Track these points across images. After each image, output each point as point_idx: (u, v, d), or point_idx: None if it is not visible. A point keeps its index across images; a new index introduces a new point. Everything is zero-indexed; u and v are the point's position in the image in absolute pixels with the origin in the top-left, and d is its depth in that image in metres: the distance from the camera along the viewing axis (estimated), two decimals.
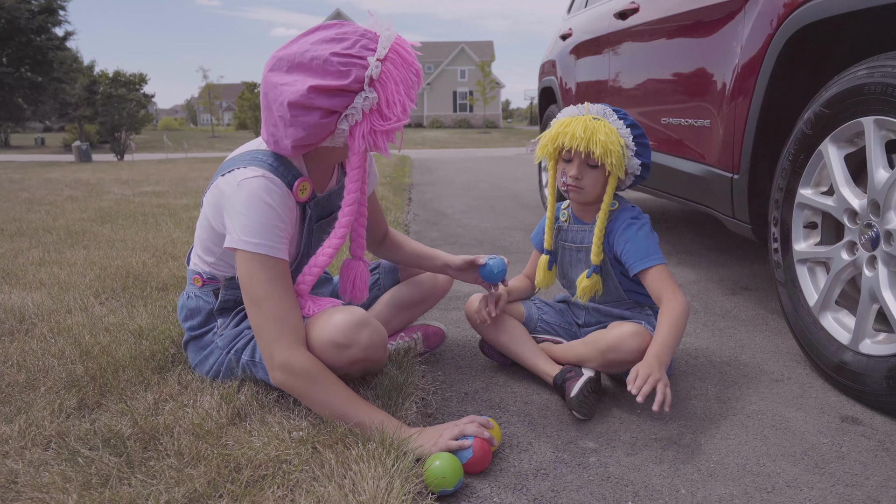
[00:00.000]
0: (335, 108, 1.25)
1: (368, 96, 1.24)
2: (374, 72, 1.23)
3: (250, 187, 1.31)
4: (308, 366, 1.29)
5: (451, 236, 3.80)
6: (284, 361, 1.28)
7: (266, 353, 1.31)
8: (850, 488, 1.20)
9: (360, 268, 1.52)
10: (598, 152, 1.54)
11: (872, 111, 1.46)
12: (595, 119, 1.58)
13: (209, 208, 1.43)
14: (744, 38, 2.00)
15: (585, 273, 1.65)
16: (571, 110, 1.65)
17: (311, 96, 1.23)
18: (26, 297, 2.26)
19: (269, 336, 1.30)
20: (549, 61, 4.48)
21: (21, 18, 26.81)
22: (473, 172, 8.64)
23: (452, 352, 1.90)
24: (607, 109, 1.62)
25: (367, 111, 1.25)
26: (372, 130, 1.26)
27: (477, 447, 1.22)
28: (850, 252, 1.57)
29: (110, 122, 29.30)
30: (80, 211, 4.64)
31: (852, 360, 1.54)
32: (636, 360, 1.46)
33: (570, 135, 1.56)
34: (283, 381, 1.31)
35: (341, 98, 1.24)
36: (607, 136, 1.54)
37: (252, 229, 1.29)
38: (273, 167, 1.35)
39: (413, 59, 1.28)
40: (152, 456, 1.21)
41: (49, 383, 1.51)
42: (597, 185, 1.64)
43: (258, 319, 1.31)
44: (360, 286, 1.52)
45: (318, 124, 1.26)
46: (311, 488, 1.11)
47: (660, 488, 1.20)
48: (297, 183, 1.38)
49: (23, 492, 1.09)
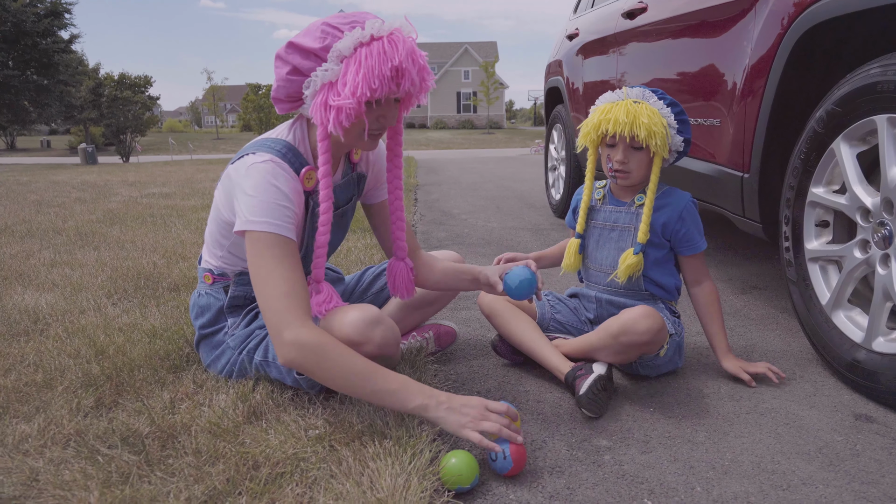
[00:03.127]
0: (301, 69, 1.30)
1: (331, 68, 1.26)
2: (345, 46, 1.25)
3: (258, 170, 1.33)
4: (318, 338, 1.26)
5: (457, 236, 3.81)
6: (294, 337, 1.25)
7: (274, 331, 1.27)
8: (866, 486, 1.20)
9: (398, 267, 1.59)
10: (643, 135, 1.56)
11: (886, 109, 1.46)
12: (636, 102, 1.60)
13: (220, 196, 1.47)
14: (754, 37, 2.00)
15: (632, 250, 1.67)
16: (610, 96, 1.66)
17: (289, 50, 1.32)
18: (40, 297, 2.27)
19: (277, 313, 1.27)
20: (555, 61, 4.48)
21: (27, 22, 26.91)
22: (479, 173, 8.64)
23: (464, 351, 1.91)
24: (646, 91, 1.64)
25: (325, 83, 1.27)
26: (324, 103, 1.27)
27: (515, 456, 1.20)
28: (863, 250, 1.57)
29: (115, 125, 29.41)
30: (88, 212, 4.66)
31: (865, 358, 1.54)
32: (649, 340, 1.50)
33: (613, 120, 1.58)
34: (294, 358, 1.26)
35: (309, 61, 1.29)
36: (650, 118, 1.57)
37: (259, 209, 1.31)
38: (282, 154, 1.38)
39: (395, 54, 1.23)
40: (171, 454, 1.22)
41: (66, 382, 1.52)
42: (642, 166, 1.67)
43: (266, 297, 1.29)
44: (402, 283, 1.59)
45: (285, 79, 1.33)
46: (329, 486, 1.11)
47: (675, 486, 1.21)
48: (304, 171, 1.41)
49: (45, 489, 1.10)
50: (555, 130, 4.67)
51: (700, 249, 1.71)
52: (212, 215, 1.53)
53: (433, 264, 1.71)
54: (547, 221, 4.36)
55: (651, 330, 1.50)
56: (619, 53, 3.24)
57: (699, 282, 1.72)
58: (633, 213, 1.73)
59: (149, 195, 6.00)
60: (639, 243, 1.66)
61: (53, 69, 28.53)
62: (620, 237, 1.74)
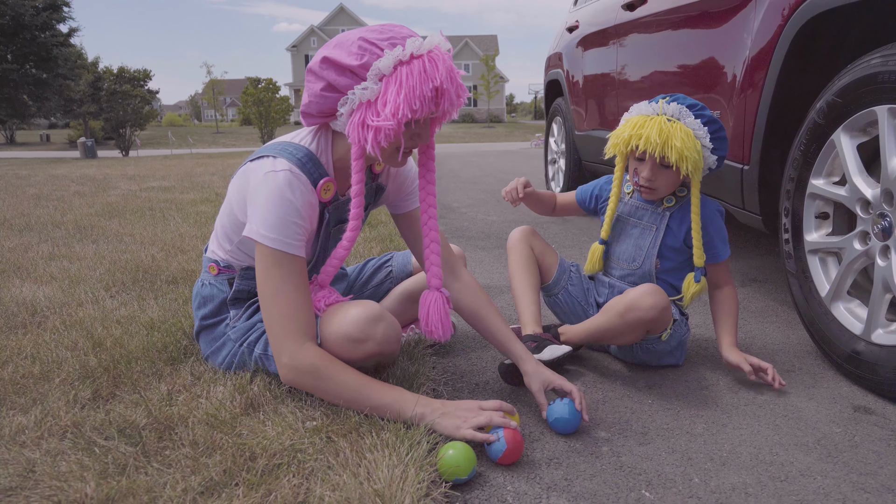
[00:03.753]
0: (337, 86, 1.26)
1: (370, 86, 1.23)
2: (385, 66, 1.21)
3: (275, 180, 1.31)
4: (313, 361, 1.30)
5: (457, 230, 3.80)
6: (290, 360, 1.31)
7: (275, 350, 1.33)
8: (864, 477, 1.20)
9: (432, 299, 1.41)
10: (674, 158, 1.52)
11: (886, 100, 1.45)
12: (669, 120, 1.54)
13: (234, 193, 1.44)
14: (754, 28, 1.99)
15: (693, 277, 1.64)
16: (644, 108, 1.61)
17: (323, 66, 1.27)
18: (37, 290, 2.27)
19: (277, 334, 1.32)
20: (555, 54, 4.47)
21: (25, 15, 26.80)
22: (479, 167, 8.63)
23: (463, 343, 1.91)
24: (683, 109, 1.56)
25: (363, 101, 1.24)
26: (362, 122, 1.24)
27: (509, 438, 1.21)
28: (863, 242, 1.57)
29: (115, 119, 29.26)
30: (87, 206, 4.66)
31: (865, 350, 1.53)
32: (654, 317, 1.51)
33: (645, 138, 1.54)
34: (293, 380, 1.33)
35: (346, 78, 1.25)
36: (683, 141, 1.51)
37: (271, 223, 1.30)
38: (301, 163, 1.35)
39: (435, 74, 1.21)
40: (167, 445, 1.22)
41: (63, 374, 1.52)
42: (669, 184, 1.65)
43: (269, 316, 1.33)
44: (436, 319, 1.40)
45: (319, 94, 1.29)
46: (326, 476, 1.11)
47: (673, 477, 1.21)
48: (322, 182, 1.38)
49: (41, 480, 1.09)
50: (555, 123, 4.66)
51: (722, 259, 1.69)
52: (225, 208, 1.51)
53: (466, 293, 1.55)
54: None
55: (657, 306, 1.51)
56: (620, 45, 3.23)
57: (720, 286, 1.71)
58: (659, 213, 1.71)
59: (148, 189, 6.00)
60: (698, 268, 1.64)
61: (52, 63, 28.45)
62: (641, 235, 1.72)
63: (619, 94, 3.26)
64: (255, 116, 28.39)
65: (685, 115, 1.56)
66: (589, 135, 3.76)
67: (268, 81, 29.37)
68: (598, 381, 1.64)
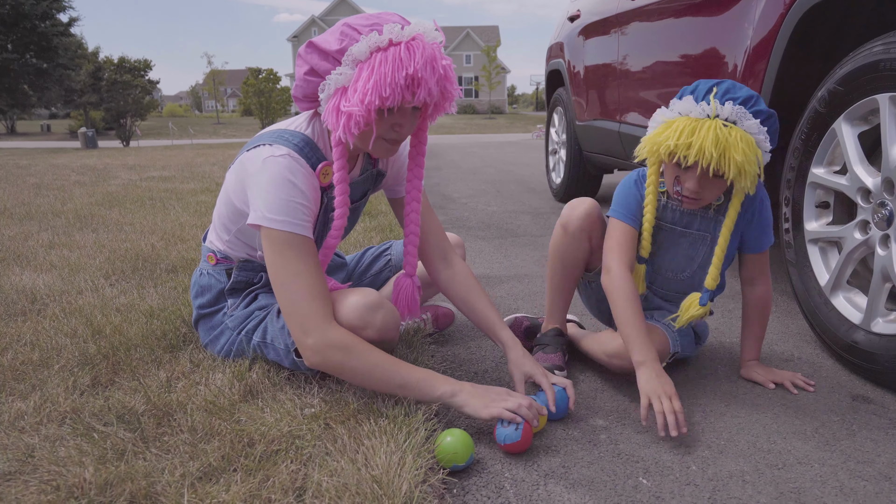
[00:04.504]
0: (318, 70, 1.28)
1: (345, 72, 1.23)
2: (359, 51, 1.21)
3: (275, 165, 1.30)
4: (343, 338, 1.27)
5: (457, 220, 3.80)
6: (319, 338, 1.26)
7: (299, 333, 1.28)
8: (861, 465, 1.20)
9: (405, 284, 1.53)
10: (733, 174, 1.28)
11: (888, 88, 1.44)
12: (726, 126, 1.28)
13: (232, 183, 1.43)
14: (755, 17, 1.97)
15: (698, 299, 1.45)
16: (690, 105, 1.32)
17: (308, 50, 1.30)
18: (37, 278, 2.27)
19: (304, 315, 1.27)
20: (556, 44, 4.44)
21: (26, 4, 26.73)
22: (479, 157, 8.62)
23: (461, 332, 1.91)
24: (741, 111, 1.29)
25: (339, 87, 1.24)
26: (336, 108, 1.25)
27: (525, 432, 1.22)
28: (863, 231, 1.56)
29: (115, 109, 29.28)
30: (87, 195, 4.66)
31: (864, 339, 1.53)
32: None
33: (698, 149, 1.27)
34: (321, 360, 1.28)
35: (326, 63, 1.26)
36: (745, 153, 1.26)
37: (277, 207, 1.28)
38: (299, 147, 1.34)
39: (411, 62, 1.19)
40: (166, 431, 1.22)
41: (62, 361, 1.52)
42: (717, 193, 1.42)
43: (289, 300, 1.28)
44: (405, 302, 1.53)
45: (303, 79, 1.32)
46: (323, 462, 1.12)
47: (670, 465, 1.21)
48: (321, 166, 1.37)
49: (40, 465, 1.10)
50: (556, 114, 4.64)
51: (765, 247, 1.52)
52: (222, 198, 1.50)
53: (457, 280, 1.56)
54: (547, 205, 4.35)
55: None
56: (621, 34, 3.21)
57: (754, 282, 1.55)
58: (710, 218, 1.49)
59: (148, 178, 5.99)
60: (707, 290, 1.46)
61: (53, 52, 28.40)
62: (692, 245, 1.51)
63: (620, 84, 3.25)
64: (256, 107, 28.38)
65: (744, 117, 1.29)
66: (590, 125, 3.75)
67: (268, 72, 29.31)
68: (596, 369, 1.64)
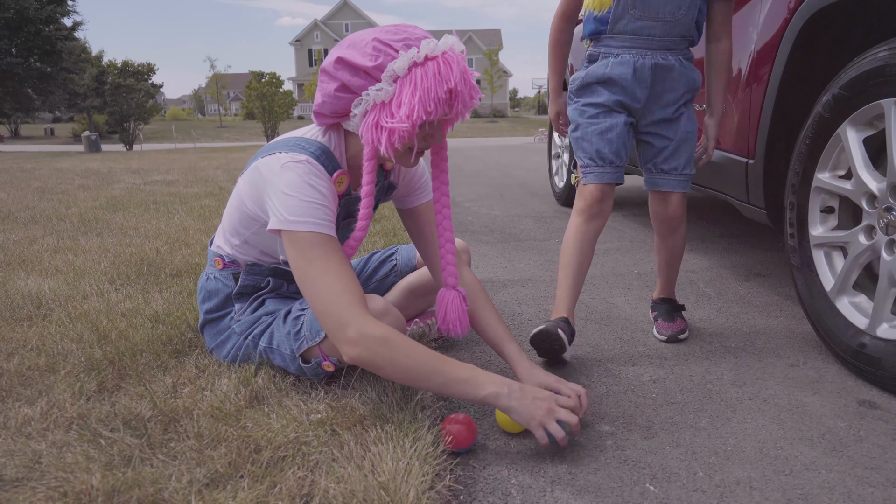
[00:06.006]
0: (351, 86, 1.25)
1: (385, 88, 1.22)
2: (400, 67, 1.21)
3: (295, 170, 1.30)
4: (384, 331, 1.23)
5: (461, 224, 3.80)
6: (359, 332, 1.22)
7: (337, 329, 1.24)
8: (869, 471, 1.20)
9: (451, 297, 1.43)
10: None
11: (894, 93, 1.44)
12: None
13: (246, 190, 1.43)
14: (760, 22, 1.98)
15: None
16: None
17: (337, 66, 1.26)
18: (43, 283, 2.28)
19: (340, 309, 1.24)
20: None
21: (30, 9, 26.81)
22: (482, 161, 8.62)
23: (467, 338, 1.90)
24: None
25: (378, 102, 1.24)
26: (377, 124, 1.24)
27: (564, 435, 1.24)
28: (869, 236, 1.56)
29: (119, 113, 29.38)
30: (92, 199, 4.67)
31: (870, 344, 1.53)
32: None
33: None
34: (362, 353, 1.22)
35: (360, 79, 1.24)
36: None
37: (298, 209, 1.28)
38: (315, 155, 1.34)
39: (450, 76, 1.20)
40: (172, 437, 1.23)
41: (68, 367, 1.53)
42: None
43: (321, 298, 1.26)
44: (454, 317, 1.42)
45: (333, 95, 1.28)
46: (330, 469, 1.12)
47: (677, 471, 1.21)
48: (336, 175, 1.38)
49: (47, 471, 1.10)
50: None
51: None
52: (233, 203, 1.50)
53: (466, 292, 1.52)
54: (550, 209, 4.34)
55: None
56: None
57: (720, 38, 1.73)
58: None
59: (152, 182, 6.01)
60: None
61: (56, 56, 28.47)
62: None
63: None
64: (259, 111, 28.40)
65: None
66: None
67: (271, 76, 29.35)
68: (603, 375, 1.64)
